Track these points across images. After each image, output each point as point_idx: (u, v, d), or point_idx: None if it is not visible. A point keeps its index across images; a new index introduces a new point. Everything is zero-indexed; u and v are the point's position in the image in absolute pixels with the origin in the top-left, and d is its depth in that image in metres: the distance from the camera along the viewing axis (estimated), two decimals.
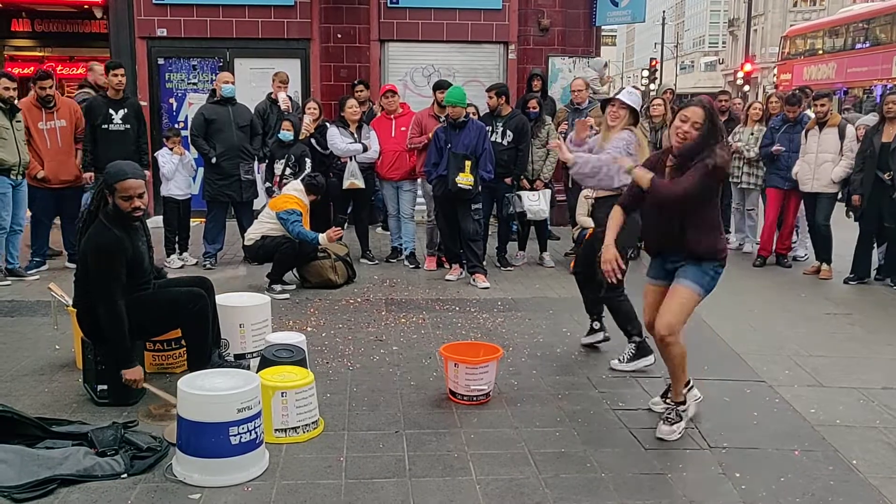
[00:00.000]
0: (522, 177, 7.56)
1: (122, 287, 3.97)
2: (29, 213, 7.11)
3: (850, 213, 7.38)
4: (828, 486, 3.39)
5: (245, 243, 6.96)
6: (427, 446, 3.69)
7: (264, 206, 7.19)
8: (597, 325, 5.22)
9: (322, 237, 6.52)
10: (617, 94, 5.03)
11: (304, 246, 6.58)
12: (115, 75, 7.22)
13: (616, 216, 4.04)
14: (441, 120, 7.28)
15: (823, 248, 7.55)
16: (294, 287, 6.74)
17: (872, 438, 3.88)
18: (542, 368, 4.81)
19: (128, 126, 7.25)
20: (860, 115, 14.98)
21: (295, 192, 6.78)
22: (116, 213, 3.99)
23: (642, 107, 5.41)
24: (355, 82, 9.11)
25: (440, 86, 7.60)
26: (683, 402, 3.92)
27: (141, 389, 4.18)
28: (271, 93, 8.35)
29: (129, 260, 4.01)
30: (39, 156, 7.03)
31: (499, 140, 7.32)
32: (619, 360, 4.83)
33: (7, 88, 6.61)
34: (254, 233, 6.78)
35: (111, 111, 7.21)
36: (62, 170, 7.13)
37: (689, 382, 4.05)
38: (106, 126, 7.18)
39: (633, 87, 5.42)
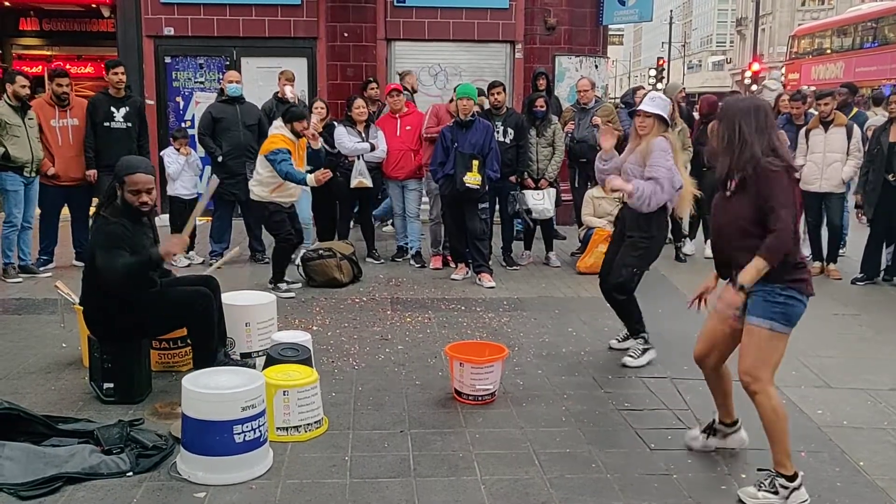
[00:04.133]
0: (526, 174, 7.54)
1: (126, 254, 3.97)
2: (38, 211, 7.15)
3: (861, 218, 7.34)
4: (834, 487, 3.38)
5: (251, 196, 6.76)
6: (432, 446, 3.69)
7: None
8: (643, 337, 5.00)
9: (311, 178, 6.39)
10: (640, 105, 4.87)
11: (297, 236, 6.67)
12: (116, 73, 7.26)
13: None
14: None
15: (832, 248, 7.52)
16: (300, 286, 6.74)
17: (880, 440, 3.86)
18: (548, 368, 4.80)
19: (129, 124, 7.27)
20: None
21: (279, 131, 6.55)
22: (124, 207, 4.05)
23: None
24: (369, 79, 9.06)
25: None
26: (793, 478, 3.20)
27: (147, 388, 4.19)
28: (277, 91, 8.34)
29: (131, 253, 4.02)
30: (50, 152, 7.07)
31: (501, 139, 7.30)
32: (632, 356, 4.83)
33: (24, 87, 6.72)
34: (253, 186, 6.64)
35: (112, 109, 7.24)
36: (72, 167, 7.16)
37: (736, 422, 3.67)
38: (107, 124, 7.21)
39: (657, 93, 5.13)
